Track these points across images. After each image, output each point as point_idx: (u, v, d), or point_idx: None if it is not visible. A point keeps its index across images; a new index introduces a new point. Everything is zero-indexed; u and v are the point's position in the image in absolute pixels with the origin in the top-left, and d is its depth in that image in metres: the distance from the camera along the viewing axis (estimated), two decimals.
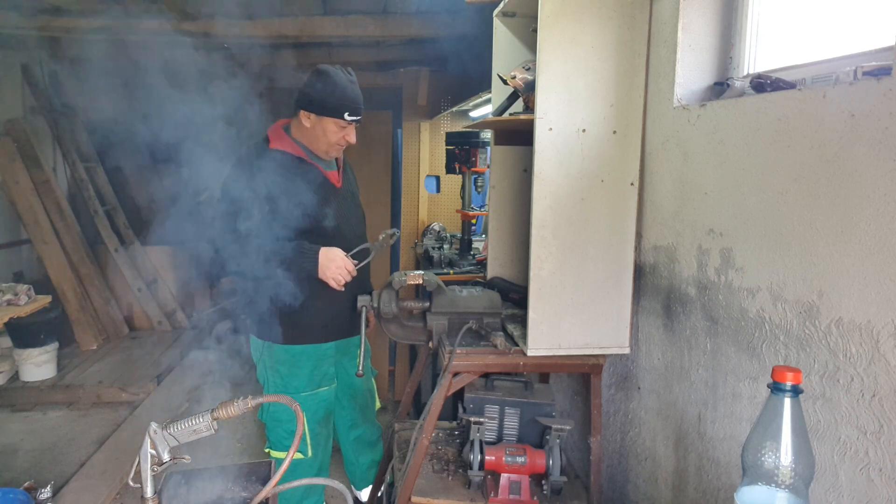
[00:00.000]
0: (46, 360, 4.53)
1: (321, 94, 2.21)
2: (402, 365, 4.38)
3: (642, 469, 1.92)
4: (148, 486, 1.28)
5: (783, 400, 0.93)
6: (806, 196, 1.20)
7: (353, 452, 2.70)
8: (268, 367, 2.39)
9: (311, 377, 2.37)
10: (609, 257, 1.78)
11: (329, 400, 2.45)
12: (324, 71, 2.24)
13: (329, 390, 2.43)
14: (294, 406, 1.34)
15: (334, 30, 3.87)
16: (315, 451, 2.40)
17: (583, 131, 1.72)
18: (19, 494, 2.51)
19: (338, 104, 2.21)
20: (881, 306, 1.04)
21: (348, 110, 2.22)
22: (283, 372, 2.36)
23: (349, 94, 2.23)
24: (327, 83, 2.21)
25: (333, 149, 2.31)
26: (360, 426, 2.66)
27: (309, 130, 2.27)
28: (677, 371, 1.70)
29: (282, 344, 2.34)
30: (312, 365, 2.37)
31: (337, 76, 2.23)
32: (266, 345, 2.38)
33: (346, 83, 2.24)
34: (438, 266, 3.54)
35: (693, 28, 1.60)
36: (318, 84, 2.22)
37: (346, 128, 2.26)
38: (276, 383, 2.37)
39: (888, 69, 1.06)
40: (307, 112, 2.24)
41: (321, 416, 2.42)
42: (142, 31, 3.93)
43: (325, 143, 2.27)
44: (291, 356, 2.35)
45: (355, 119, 2.25)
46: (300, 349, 2.35)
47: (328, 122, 2.23)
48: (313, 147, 2.31)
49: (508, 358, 1.86)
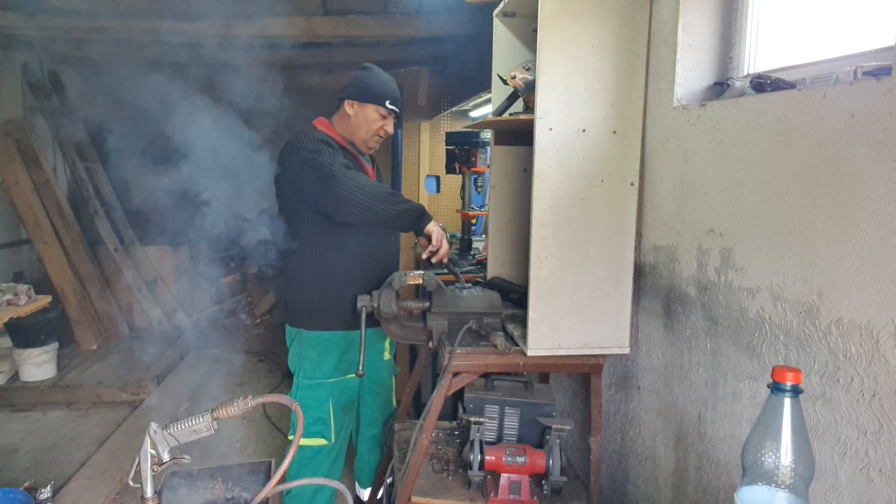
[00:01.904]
0: (46, 360, 4.52)
1: (365, 83, 2.38)
2: (402, 365, 4.37)
3: (642, 469, 1.92)
4: (148, 486, 1.28)
5: (783, 400, 0.93)
6: (806, 196, 1.20)
7: (366, 450, 2.72)
8: (298, 353, 2.44)
9: (340, 363, 2.41)
10: (609, 257, 1.78)
11: (354, 387, 2.49)
12: (368, 66, 2.46)
13: (355, 378, 2.46)
14: (294, 406, 1.34)
15: (334, 30, 3.87)
16: (337, 437, 2.44)
17: (583, 131, 1.72)
18: (19, 494, 2.51)
19: (380, 92, 2.37)
20: (881, 306, 1.04)
21: (389, 98, 2.38)
22: (314, 357, 2.40)
23: (390, 87, 2.42)
24: (371, 74, 2.41)
25: (373, 139, 2.42)
26: (378, 426, 2.69)
27: (351, 119, 2.39)
28: (677, 371, 1.70)
29: (312, 330, 2.39)
30: (341, 351, 2.40)
31: (380, 71, 2.44)
32: (297, 331, 2.43)
33: (388, 78, 2.44)
34: (438, 266, 3.53)
35: (693, 28, 1.60)
36: (361, 76, 2.41)
37: (386, 118, 2.40)
38: (306, 369, 2.41)
39: (888, 69, 1.06)
40: (351, 101, 2.38)
41: (346, 402, 2.47)
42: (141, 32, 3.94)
43: (365, 131, 2.39)
44: (321, 342, 2.39)
45: (394, 109, 2.41)
46: (329, 335, 2.39)
47: (370, 110, 2.36)
48: (354, 138, 2.42)
49: (508, 358, 1.86)
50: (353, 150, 2.42)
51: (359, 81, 2.39)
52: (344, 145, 2.39)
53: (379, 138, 2.44)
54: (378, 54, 4.64)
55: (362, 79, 2.40)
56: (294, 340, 2.45)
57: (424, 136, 4.75)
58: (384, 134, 2.42)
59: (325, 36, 3.99)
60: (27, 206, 4.98)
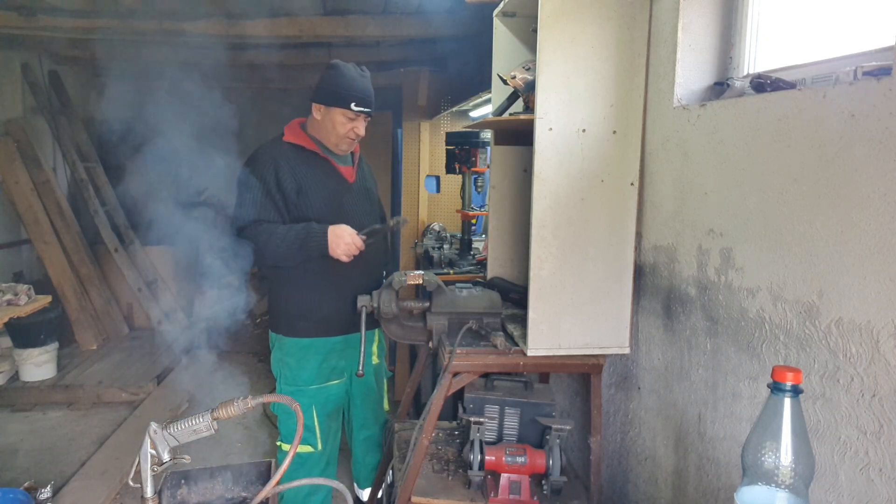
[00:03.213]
0: (46, 360, 4.53)
1: (330, 85, 2.27)
2: (402, 365, 4.38)
3: (642, 469, 1.92)
4: (148, 486, 1.28)
5: (783, 400, 0.93)
6: (806, 196, 1.20)
7: (361, 452, 2.71)
8: (278, 360, 2.43)
9: (320, 370, 2.39)
10: (609, 257, 1.78)
11: (339, 394, 2.47)
12: (334, 64, 2.30)
13: (339, 384, 2.45)
14: (294, 406, 1.34)
15: (334, 30, 3.87)
16: (324, 444, 2.43)
17: (583, 131, 1.72)
18: (19, 494, 2.51)
19: (345, 94, 2.25)
20: (881, 306, 1.04)
21: (355, 100, 2.25)
22: (293, 364, 2.39)
23: (357, 86, 2.27)
24: (336, 75, 2.27)
25: (343, 141, 2.33)
26: (371, 427, 2.68)
27: (320, 123, 2.32)
28: (677, 371, 1.70)
29: (291, 337, 2.38)
30: (321, 358, 2.39)
31: (346, 69, 2.29)
32: (277, 337, 2.42)
33: (356, 76, 2.29)
34: (438, 266, 3.54)
35: (693, 28, 1.60)
36: (327, 76, 2.29)
37: (355, 119, 2.29)
38: (285, 376, 2.40)
39: (888, 69, 1.06)
40: (318, 104, 2.30)
41: (330, 410, 2.45)
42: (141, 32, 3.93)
43: (334, 136, 2.32)
44: (300, 349, 2.38)
45: (363, 110, 2.28)
46: (309, 342, 2.37)
47: (336, 113, 2.27)
48: (325, 141, 2.35)
49: (508, 358, 1.86)
50: (324, 153, 2.35)
51: (325, 83, 2.28)
52: (313, 149, 2.33)
53: (351, 140, 2.35)
54: (378, 54, 4.63)
55: (328, 80, 2.27)
56: (275, 346, 2.44)
57: (424, 136, 4.74)
58: (354, 136, 2.33)
59: (325, 36, 3.99)
60: (27, 206, 4.98)
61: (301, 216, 2.29)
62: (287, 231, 2.23)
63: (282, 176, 2.26)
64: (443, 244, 4.01)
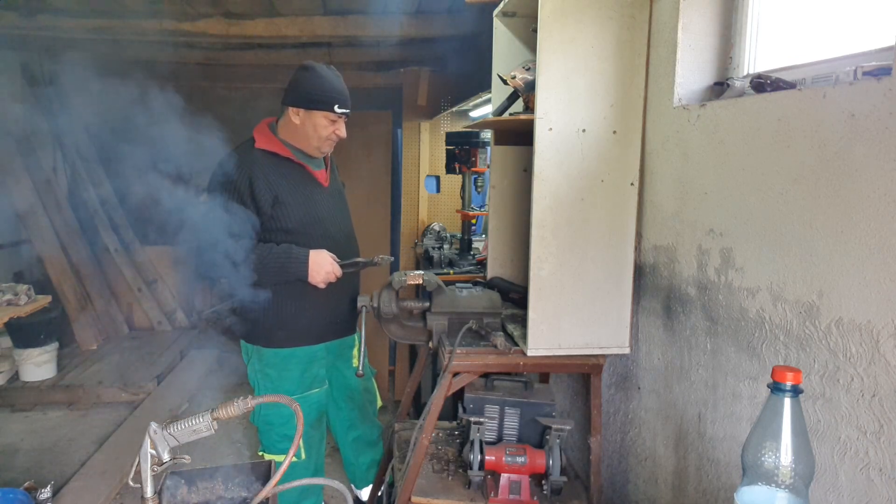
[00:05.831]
0: (46, 360, 4.52)
1: (309, 88, 2.21)
2: (402, 365, 4.38)
3: (642, 469, 1.92)
4: (148, 486, 1.28)
5: (783, 400, 0.93)
6: (806, 196, 1.20)
7: (353, 453, 2.70)
8: (257, 371, 2.37)
9: (302, 380, 2.35)
10: (609, 257, 1.78)
11: (321, 402, 2.44)
12: (309, 66, 2.24)
13: (320, 392, 2.42)
14: (294, 406, 1.34)
15: (334, 30, 3.87)
16: (308, 453, 2.40)
17: (583, 131, 1.72)
18: (19, 494, 2.51)
19: (327, 97, 2.21)
20: (881, 306, 1.04)
21: (338, 102, 2.22)
22: (273, 375, 2.34)
23: (337, 87, 2.24)
24: (314, 77, 2.22)
25: (325, 144, 2.29)
26: (359, 427, 2.66)
27: (298, 127, 2.25)
28: (677, 371, 1.70)
29: (270, 348, 2.33)
30: (302, 368, 2.35)
31: (323, 70, 2.24)
32: (255, 349, 2.36)
33: (333, 77, 2.25)
34: (438, 266, 3.54)
35: (693, 28, 1.60)
36: (303, 79, 2.22)
37: (337, 121, 2.25)
38: (266, 387, 2.35)
39: (888, 69, 1.06)
40: (296, 108, 2.23)
41: (313, 419, 2.41)
42: (141, 32, 3.93)
43: (316, 139, 2.26)
44: (281, 360, 2.33)
45: (345, 112, 2.25)
46: (289, 352, 2.33)
47: (318, 116, 2.22)
48: (303, 145, 2.29)
49: (508, 358, 1.86)
50: (298, 158, 2.29)
51: (301, 86, 2.21)
52: (287, 155, 2.27)
53: (333, 143, 2.31)
54: (378, 54, 4.63)
55: (305, 83, 2.21)
56: (252, 358, 2.38)
57: (424, 136, 4.74)
58: (336, 138, 2.29)
59: (325, 36, 3.99)
60: (27, 206, 4.98)
61: (277, 227, 2.23)
62: (267, 252, 2.17)
63: (256, 188, 2.18)
64: (443, 244, 4.01)
